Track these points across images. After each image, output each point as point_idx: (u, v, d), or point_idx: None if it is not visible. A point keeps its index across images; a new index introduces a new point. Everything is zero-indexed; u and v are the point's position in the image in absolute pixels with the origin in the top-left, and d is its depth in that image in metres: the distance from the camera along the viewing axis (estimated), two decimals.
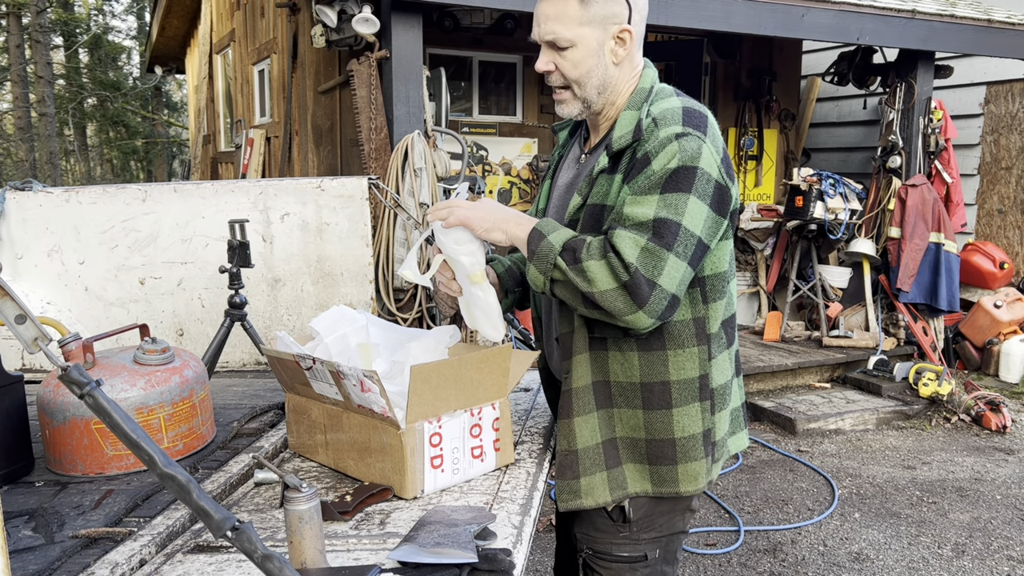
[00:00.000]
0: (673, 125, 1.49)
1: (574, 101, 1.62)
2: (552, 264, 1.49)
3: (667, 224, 1.44)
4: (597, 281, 1.44)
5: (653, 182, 1.46)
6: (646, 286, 1.42)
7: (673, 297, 1.46)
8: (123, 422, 1.02)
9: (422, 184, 4.17)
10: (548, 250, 1.50)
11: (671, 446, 1.60)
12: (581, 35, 1.54)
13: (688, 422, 1.60)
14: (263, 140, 6.62)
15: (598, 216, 1.56)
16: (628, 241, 1.43)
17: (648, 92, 1.59)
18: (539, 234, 1.53)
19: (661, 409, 1.59)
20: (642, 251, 1.43)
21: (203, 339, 3.20)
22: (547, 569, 3.33)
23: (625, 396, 1.60)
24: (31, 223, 3.15)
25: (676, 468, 1.61)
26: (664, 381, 1.58)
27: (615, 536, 1.67)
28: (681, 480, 1.61)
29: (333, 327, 1.81)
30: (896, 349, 6.15)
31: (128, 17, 22.64)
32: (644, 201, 1.46)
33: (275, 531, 1.42)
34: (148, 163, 20.76)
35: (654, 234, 1.43)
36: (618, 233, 1.45)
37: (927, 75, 6.10)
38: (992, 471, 4.41)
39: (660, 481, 1.62)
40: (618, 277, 1.43)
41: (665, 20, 4.79)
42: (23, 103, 15.39)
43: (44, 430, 1.66)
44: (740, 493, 4.12)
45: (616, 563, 1.69)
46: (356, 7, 4.26)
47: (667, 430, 1.59)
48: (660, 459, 1.60)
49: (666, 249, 1.43)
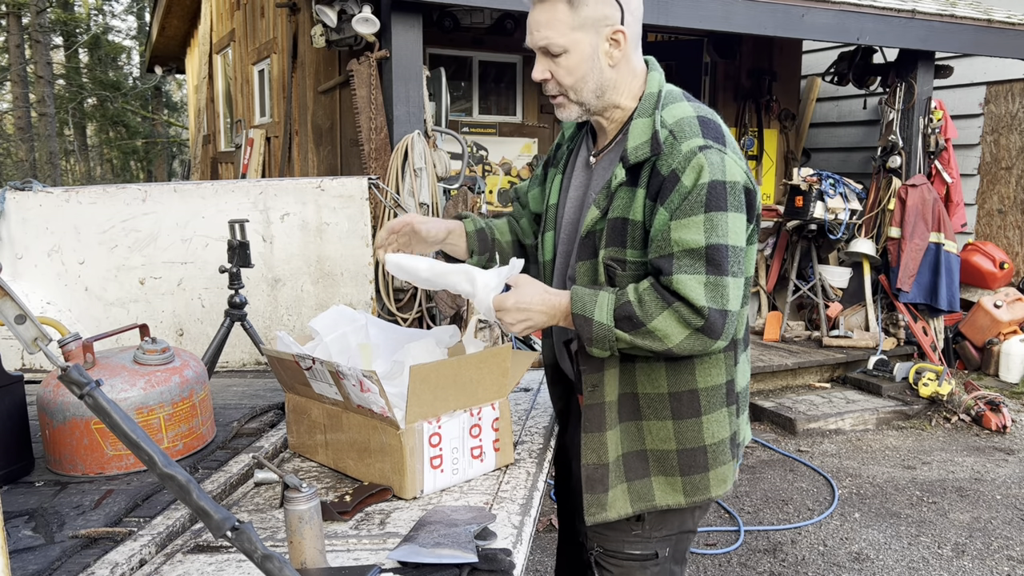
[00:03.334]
0: (694, 138, 1.49)
1: (571, 105, 1.61)
2: (614, 340, 1.50)
3: (718, 249, 1.45)
4: (671, 336, 1.47)
5: (692, 203, 1.46)
6: (719, 318, 1.46)
7: (739, 313, 1.51)
8: (123, 422, 1.02)
9: (422, 184, 4.17)
10: (603, 331, 1.49)
11: (703, 454, 1.61)
12: (574, 40, 1.53)
13: (717, 428, 1.61)
14: (263, 140, 6.62)
15: (621, 229, 1.55)
16: (692, 283, 1.45)
17: (657, 97, 1.58)
18: (584, 319, 1.51)
19: (691, 418, 1.60)
20: (706, 286, 1.45)
21: (203, 339, 3.20)
22: (547, 569, 3.33)
23: (653, 408, 1.60)
24: (31, 223, 3.15)
25: (708, 475, 1.62)
26: (692, 389, 1.59)
27: (627, 534, 1.69)
28: (712, 486, 1.63)
29: (333, 327, 1.81)
30: (896, 349, 6.14)
31: (128, 17, 22.65)
32: (690, 225, 1.46)
33: (275, 531, 1.42)
34: (148, 163, 20.75)
35: (709, 263, 1.45)
36: (678, 280, 1.45)
37: (927, 75, 6.10)
38: (992, 471, 4.41)
39: (693, 490, 1.63)
40: (691, 324, 1.46)
41: (665, 20, 4.79)
42: (23, 103, 15.39)
43: (44, 430, 1.66)
44: (740, 493, 4.12)
45: (627, 561, 1.70)
46: (356, 7, 4.26)
47: (698, 438, 1.60)
48: (692, 468, 1.61)
49: (724, 275, 1.46)
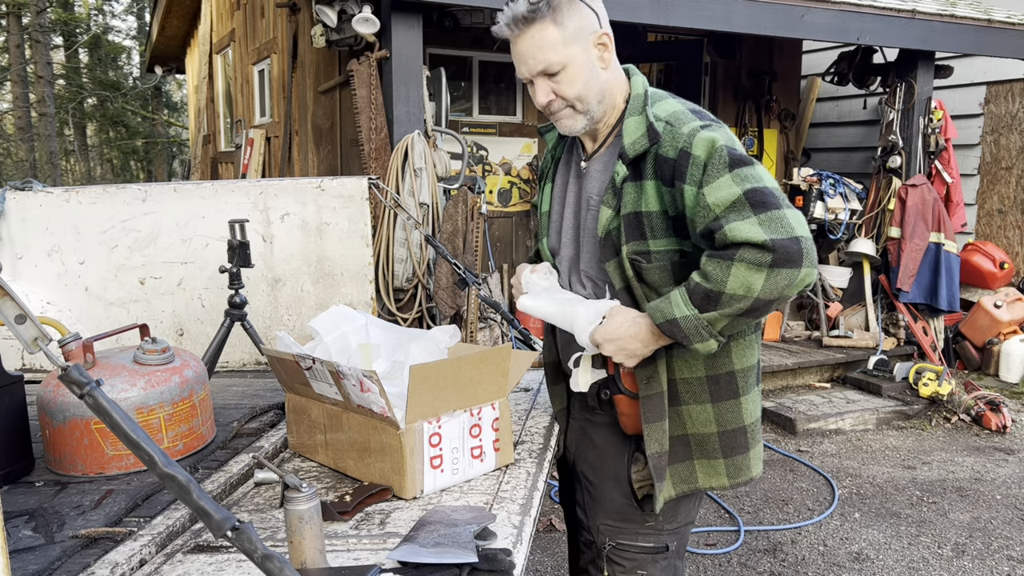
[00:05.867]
0: (691, 122, 1.54)
1: (577, 116, 1.64)
2: (706, 324, 1.46)
3: (758, 191, 1.42)
4: (752, 286, 1.39)
5: (715, 167, 1.45)
6: (791, 244, 1.38)
7: (811, 240, 1.43)
8: (123, 422, 1.02)
9: (422, 184, 4.17)
10: (690, 323, 1.46)
11: (743, 434, 1.64)
12: (570, 55, 1.58)
13: (753, 407, 1.66)
14: (263, 140, 6.62)
15: (637, 223, 1.57)
16: (745, 226, 1.39)
17: (644, 96, 1.64)
18: (669, 324, 1.49)
19: (730, 399, 1.62)
20: (762, 223, 1.39)
21: (203, 339, 3.20)
22: (547, 569, 3.33)
23: (692, 392, 1.63)
24: (31, 223, 3.15)
25: (749, 454, 1.66)
26: (730, 372, 1.62)
27: (641, 526, 1.72)
28: (752, 465, 1.67)
29: (333, 327, 1.82)
30: (896, 349, 6.14)
31: (128, 17, 22.65)
32: (720, 185, 1.43)
33: (275, 531, 1.42)
34: (148, 163, 20.75)
35: (754, 206, 1.41)
36: (730, 228, 1.40)
37: (927, 75, 6.10)
38: (992, 471, 4.41)
39: (736, 471, 1.65)
40: (762, 264, 1.38)
41: (665, 20, 4.79)
42: (23, 103, 15.39)
43: (44, 430, 1.66)
44: (740, 493, 4.12)
45: (640, 554, 1.73)
46: (356, 7, 4.26)
47: (738, 419, 1.63)
48: (734, 450, 1.64)
49: (776, 208, 1.41)
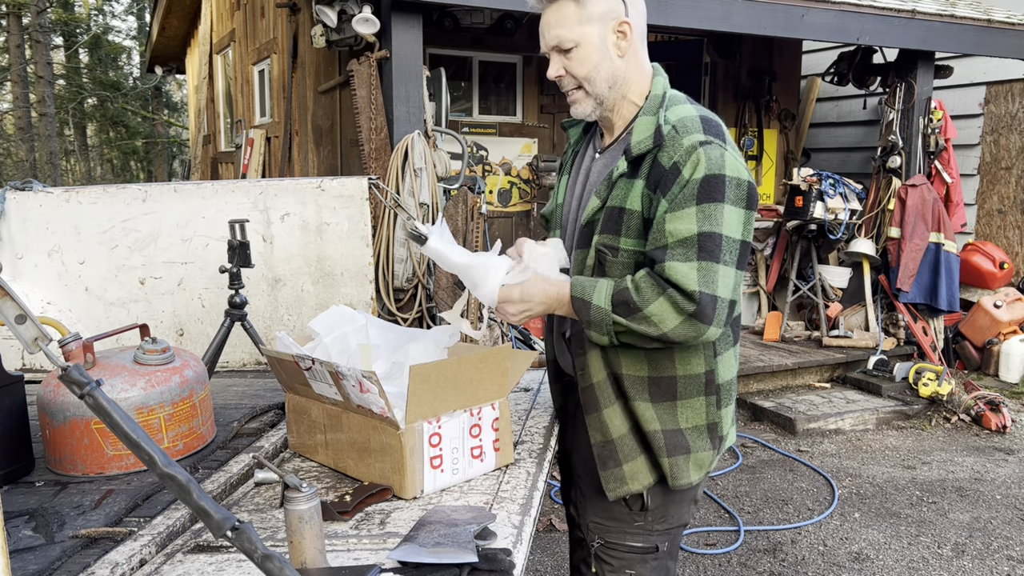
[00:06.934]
0: (695, 133, 1.55)
1: (587, 99, 1.67)
2: (611, 324, 1.55)
3: (711, 237, 1.49)
4: (665, 321, 1.50)
5: (687, 194, 1.51)
6: (710, 303, 1.49)
7: (732, 303, 1.53)
8: (123, 422, 1.02)
9: (422, 184, 4.17)
10: (600, 314, 1.55)
11: (682, 436, 1.65)
12: (583, 33, 1.61)
13: (691, 414, 1.65)
14: (263, 140, 6.62)
15: (617, 218, 1.60)
16: (683, 269, 1.48)
17: (662, 98, 1.65)
18: (582, 302, 1.58)
19: (666, 401, 1.64)
20: (699, 271, 1.48)
21: (203, 339, 3.20)
22: (547, 569, 3.33)
23: (635, 388, 1.65)
24: (31, 223, 3.15)
25: (689, 457, 1.66)
26: (671, 376, 1.64)
27: (629, 526, 1.72)
28: (692, 470, 1.67)
29: (333, 327, 1.82)
30: (896, 349, 6.14)
31: (128, 17, 22.65)
32: (684, 216, 1.50)
33: (275, 531, 1.43)
34: (148, 163, 20.75)
35: (701, 250, 1.49)
36: (670, 266, 1.50)
37: (927, 75, 6.10)
38: (992, 471, 4.41)
39: (678, 472, 1.66)
40: (683, 310, 1.50)
41: (665, 20, 4.79)
42: (23, 103, 15.39)
43: (44, 430, 1.66)
44: (740, 493, 4.12)
45: (629, 554, 1.73)
46: (356, 7, 4.26)
47: (673, 421, 1.64)
48: (676, 449, 1.65)
49: (715, 262, 1.49)
